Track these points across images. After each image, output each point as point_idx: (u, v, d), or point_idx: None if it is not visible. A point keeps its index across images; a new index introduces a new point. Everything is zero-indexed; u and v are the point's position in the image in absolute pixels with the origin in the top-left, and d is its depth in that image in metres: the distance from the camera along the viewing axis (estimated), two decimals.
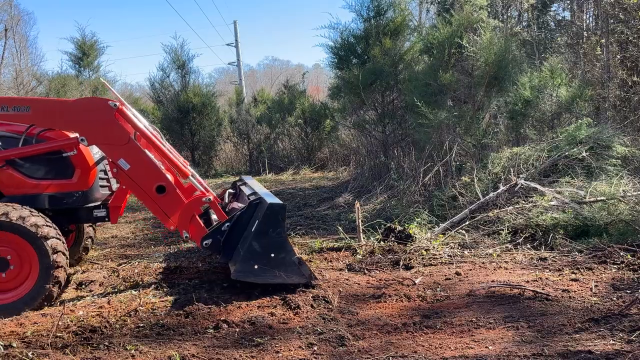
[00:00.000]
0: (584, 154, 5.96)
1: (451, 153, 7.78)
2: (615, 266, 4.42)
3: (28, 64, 18.38)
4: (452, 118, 8.35)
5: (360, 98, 10.67)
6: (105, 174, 4.61)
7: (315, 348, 3.10)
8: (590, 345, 2.95)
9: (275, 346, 3.13)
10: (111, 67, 71.90)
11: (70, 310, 3.80)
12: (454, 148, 7.94)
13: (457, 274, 4.48)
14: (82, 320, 3.56)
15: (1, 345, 3.16)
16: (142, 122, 4.38)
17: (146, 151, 4.21)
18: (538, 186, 5.74)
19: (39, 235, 3.79)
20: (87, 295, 4.30)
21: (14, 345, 3.19)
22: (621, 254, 4.62)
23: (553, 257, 4.83)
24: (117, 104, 4.14)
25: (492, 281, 4.21)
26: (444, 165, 7.87)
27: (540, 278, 4.22)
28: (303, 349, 3.10)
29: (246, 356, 3.02)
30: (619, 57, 10.27)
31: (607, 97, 9.79)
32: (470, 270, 4.59)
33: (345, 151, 14.47)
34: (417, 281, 4.32)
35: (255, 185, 5.09)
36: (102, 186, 4.53)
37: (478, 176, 6.44)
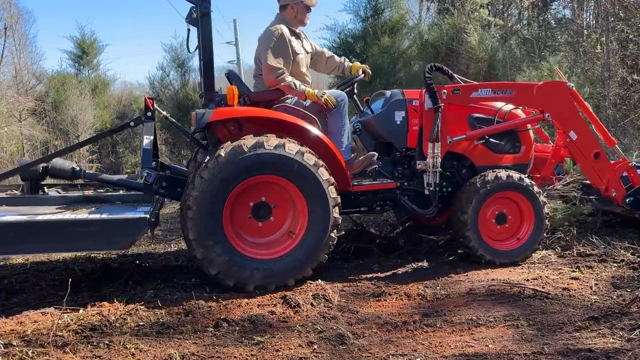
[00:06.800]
0: None
1: None
2: (615, 264, 4.42)
3: (27, 62, 18.28)
4: None
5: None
6: None
7: (315, 346, 3.11)
8: (590, 344, 2.96)
9: (276, 344, 3.13)
10: (111, 65, 71.56)
11: (71, 309, 3.79)
12: None
13: (457, 272, 4.48)
14: (82, 319, 3.55)
15: (1, 344, 3.15)
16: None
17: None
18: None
19: (535, 192, 4.59)
20: (87, 294, 4.29)
21: (14, 343, 3.19)
22: (621, 252, 4.62)
23: (553, 255, 4.83)
24: (572, 85, 4.86)
25: (492, 280, 4.21)
26: None
27: (540, 276, 4.22)
28: (303, 347, 3.10)
29: (246, 354, 3.03)
30: (619, 55, 10.25)
31: (607, 96, 9.79)
32: (470, 268, 4.59)
33: None
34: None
35: None
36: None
37: None
